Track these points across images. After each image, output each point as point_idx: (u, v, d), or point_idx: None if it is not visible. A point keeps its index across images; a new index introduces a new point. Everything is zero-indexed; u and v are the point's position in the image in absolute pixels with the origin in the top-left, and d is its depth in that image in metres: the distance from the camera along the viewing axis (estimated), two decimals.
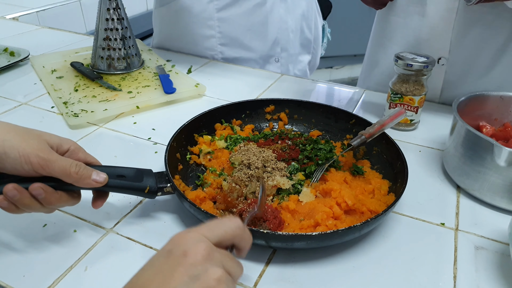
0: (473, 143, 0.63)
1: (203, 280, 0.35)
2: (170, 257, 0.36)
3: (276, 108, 0.82)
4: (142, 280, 0.36)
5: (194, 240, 0.37)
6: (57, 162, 0.47)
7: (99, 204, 0.55)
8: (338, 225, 0.56)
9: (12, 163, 0.46)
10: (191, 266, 0.35)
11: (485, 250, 0.57)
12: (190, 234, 0.38)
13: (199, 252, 0.36)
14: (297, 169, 0.66)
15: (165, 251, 0.37)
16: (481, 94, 0.73)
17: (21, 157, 0.45)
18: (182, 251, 0.36)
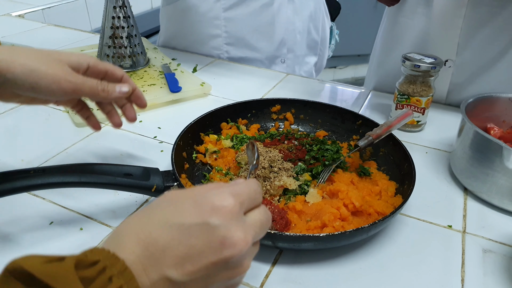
0: (481, 145, 0.62)
1: (232, 275, 0.34)
2: (206, 233, 0.32)
3: (282, 108, 0.82)
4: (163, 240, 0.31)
5: (236, 225, 0.33)
6: (85, 84, 0.50)
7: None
8: (345, 227, 0.55)
9: (46, 90, 0.48)
10: (223, 260, 0.32)
11: (493, 253, 0.56)
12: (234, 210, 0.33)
13: (239, 248, 0.32)
14: (303, 169, 0.66)
15: (201, 221, 0.32)
16: (489, 96, 0.73)
17: (53, 84, 0.48)
18: (221, 237, 0.32)
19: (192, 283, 0.32)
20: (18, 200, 0.60)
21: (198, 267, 0.31)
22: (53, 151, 0.74)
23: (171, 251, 0.31)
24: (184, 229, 0.32)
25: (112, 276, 0.28)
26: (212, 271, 0.32)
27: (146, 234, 0.32)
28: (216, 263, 0.32)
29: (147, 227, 0.32)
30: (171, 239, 0.31)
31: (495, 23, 0.82)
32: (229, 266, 0.33)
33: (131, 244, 0.31)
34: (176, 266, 0.31)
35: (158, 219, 0.32)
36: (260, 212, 0.36)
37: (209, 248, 0.31)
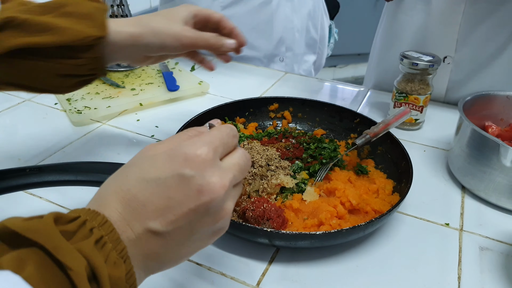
0: (479, 143, 0.62)
1: (215, 220, 0.34)
2: (182, 184, 0.32)
3: (280, 106, 0.81)
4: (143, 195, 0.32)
5: (211, 171, 0.33)
6: (201, 37, 0.58)
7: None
8: (342, 225, 0.55)
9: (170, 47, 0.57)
10: (202, 206, 0.32)
11: (490, 251, 0.56)
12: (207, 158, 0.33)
13: (217, 193, 0.33)
14: (301, 168, 0.66)
15: (176, 173, 0.32)
16: (487, 94, 0.73)
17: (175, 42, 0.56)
18: (197, 186, 0.32)
19: (176, 232, 0.33)
20: (14, 199, 0.60)
21: (179, 216, 0.32)
22: (50, 150, 0.74)
23: (151, 205, 0.32)
24: (161, 182, 0.32)
25: (93, 227, 0.29)
26: (194, 217, 0.33)
27: (126, 191, 0.32)
28: (196, 209, 0.32)
29: (126, 185, 0.33)
30: (150, 193, 0.32)
31: (494, 19, 0.81)
32: (210, 212, 0.33)
33: (112, 202, 0.32)
34: (157, 217, 0.32)
35: (135, 176, 0.33)
36: (237, 155, 0.37)
37: (187, 197, 0.32)
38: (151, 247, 0.32)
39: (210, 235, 0.36)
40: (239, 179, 0.37)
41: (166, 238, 0.33)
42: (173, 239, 0.33)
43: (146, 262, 0.33)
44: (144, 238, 0.32)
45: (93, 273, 0.28)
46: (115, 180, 0.34)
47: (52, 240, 0.27)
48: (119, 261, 0.29)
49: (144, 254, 0.32)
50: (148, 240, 0.32)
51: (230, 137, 0.37)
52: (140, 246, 0.32)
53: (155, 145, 0.36)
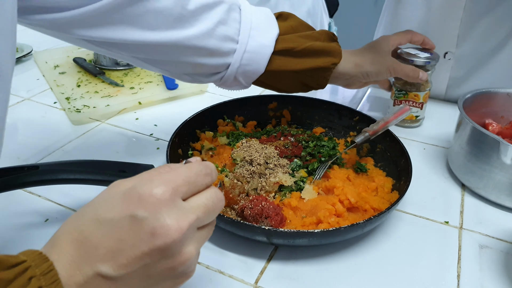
0: (479, 141, 0.62)
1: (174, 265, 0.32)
2: (134, 226, 0.31)
3: (279, 105, 0.81)
4: (95, 238, 0.31)
5: (166, 213, 0.31)
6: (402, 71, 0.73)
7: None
8: (340, 223, 0.55)
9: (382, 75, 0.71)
10: (156, 250, 0.31)
11: (490, 249, 0.56)
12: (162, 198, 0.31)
13: (171, 236, 0.31)
14: (299, 166, 0.66)
15: (129, 214, 0.31)
16: (487, 91, 0.72)
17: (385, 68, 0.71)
18: (150, 228, 0.30)
19: (130, 278, 0.31)
20: (13, 197, 0.60)
21: (131, 259, 0.30)
22: (49, 148, 0.74)
23: (102, 247, 0.31)
24: (113, 224, 0.31)
25: (33, 276, 0.28)
26: (148, 261, 0.31)
27: (79, 232, 0.31)
28: (149, 253, 0.31)
29: (80, 226, 0.32)
30: (102, 235, 0.31)
31: (495, 14, 0.81)
32: (166, 255, 0.31)
33: (64, 244, 0.31)
34: (108, 261, 0.30)
35: (90, 217, 0.32)
36: (205, 195, 0.35)
37: (140, 240, 0.30)
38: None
39: (171, 281, 0.34)
40: (205, 221, 0.34)
41: (117, 282, 0.31)
42: (126, 284, 0.31)
43: None
44: (94, 283, 0.30)
45: None
46: (71, 220, 0.33)
47: None
48: None
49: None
50: (98, 285, 0.30)
51: (200, 175, 0.34)
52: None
53: (120, 182, 0.34)
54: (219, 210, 0.36)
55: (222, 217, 0.51)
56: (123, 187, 0.33)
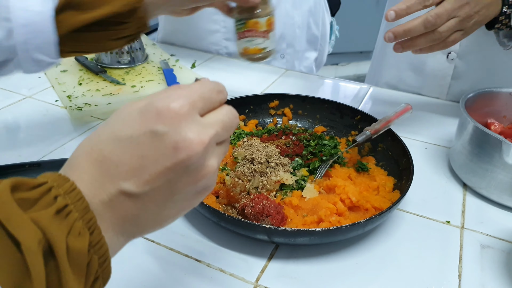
0: (481, 141, 0.62)
1: (197, 179, 0.32)
2: (155, 141, 0.30)
3: (280, 103, 0.81)
4: (115, 156, 0.30)
5: (187, 127, 0.30)
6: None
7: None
8: (341, 222, 0.55)
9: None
10: (179, 164, 0.30)
11: (491, 248, 0.56)
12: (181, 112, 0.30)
13: (194, 149, 0.30)
14: (300, 164, 0.66)
15: (148, 130, 0.30)
16: (489, 91, 0.72)
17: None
18: (172, 142, 0.30)
19: (154, 193, 0.31)
20: None
21: (154, 175, 0.30)
22: (50, 146, 0.74)
23: (124, 165, 0.30)
24: (133, 141, 0.30)
25: (58, 195, 0.27)
26: (172, 177, 0.30)
27: (98, 152, 0.30)
28: (173, 168, 0.30)
29: (98, 145, 0.31)
30: (122, 153, 0.30)
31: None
32: (190, 170, 0.31)
33: (84, 164, 0.30)
34: (131, 178, 0.30)
35: (107, 136, 0.31)
36: (221, 112, 0.34)
37: (162, 155, 0.30)
38: (127, 210, 0.30)
39: (193, 195, 0.33)
40: (223, 137, 0.34)
41: (143, 199, 0.30)
42: (151, 200, 0.31)
43: (124, 226, 0.31)
44: (118, 201, 0.30)
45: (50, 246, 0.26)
46: (88, 140, 0.32)
47: (4, 210, 0.25)
48: (84, 231, 0.27)
49: (120, 217, 0.30)
50: (123, 203, 0.30)
51: (213, 92, 0.34)
52: (114, 209, 0.30)
53: (132, 103, 0.33)
54: (235, 127, 0.35)
55: (223, 215, 0.51)
56: (139, 105, 0.32)
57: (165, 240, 0.55)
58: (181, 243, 0.55)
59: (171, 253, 0.54)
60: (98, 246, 0.28)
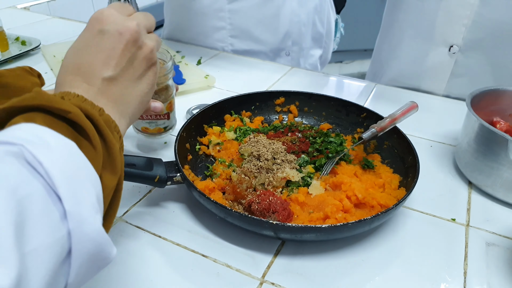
0: (487, 139, 0.62)
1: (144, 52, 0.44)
2: (105, 36, 0.41)
3: (286, 100, 0.81)
4: (86, 59, 0.41)
5: (120, 19, 0.42)
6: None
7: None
8: (347, 218, 0.55)
9: None
10: (129, 43, 0.42)
11: (497, 246, 0.56)
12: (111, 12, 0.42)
13: (132, 28, 0.42)
14: (307, 161, 0.66)
15: (97, 31, 0.41)
16: (495, 89, 0.72)
17: None
18: (116, 31, 0.41)
19: (124, 72, 0.42)
20: None
21: (118, 57, 0.41)
22: None
23: (95, 61, 0.41)
24: (92, 43, 0.41)
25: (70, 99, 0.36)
26: (129, 55, 0.42)
27: (72, 65, 0.41)
28: (126, 47, 0.42)
29: (70, 61, 0.41)
30: (89, 55, 0.41)
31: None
32: (138, 46, 0.43)
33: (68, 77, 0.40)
34: (104, 67, 0.41)
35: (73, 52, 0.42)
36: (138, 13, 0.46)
37: (115, 42, 0.41)
38: (114, 92, 0.41)
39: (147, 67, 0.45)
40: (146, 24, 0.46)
41: (119, 79, 0.42)
42: (125, 78, 0.42)
43: (117, 107, 0.41)
44: (105, 87, 0.41)
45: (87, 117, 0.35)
46: (62, 66, 0.42)
47: (47, 100, 0.33)
48: (102, 112, 0.38)
49: (112, 100, 0.41)
50: (108, 87, 0.41)
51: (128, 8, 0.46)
52: (105, 95, 0.40)
53: None
54: (152, 18, 0.47)
55: (229, 211, 0.52)
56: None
57: (172, 235, 0.56)
58: (187, 238, 0.56)
59: (178, 248, 0.54)
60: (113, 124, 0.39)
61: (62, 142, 0.31)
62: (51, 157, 0.29)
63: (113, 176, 0.35)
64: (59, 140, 0.31)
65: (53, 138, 0.30)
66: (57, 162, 0.29)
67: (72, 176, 0.30)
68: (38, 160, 0.28)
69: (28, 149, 0.28)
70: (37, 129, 0.31)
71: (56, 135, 0.31)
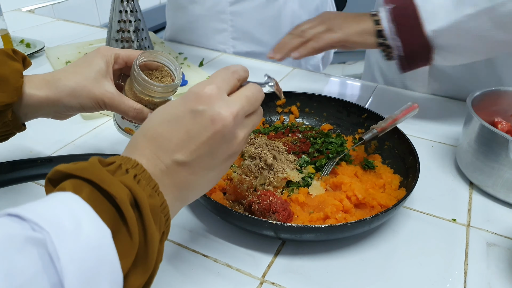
0: (488, 139, 0.62)
1: (231, 146, 0.40)
2: (196, 119, 0.38)
3: (287, 101, 0.82)
4: (167, 132, 0.38)
5: (219, 104, 0.38)
6: (122, 104, 0.55)
7: None
8: (347, 219, 0.55)
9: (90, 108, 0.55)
10: (217, 134, 0.38)
11: (498, 246, 0.56)
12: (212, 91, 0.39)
13: (227, 120, 0.38)
14: (307, 162, 0.66)
15: (190, 110, 0.38)
16: (497, 90, 0.72)
17: (93, 102, 0.54)
18: (209, 117, 0.38)
19: (200, 159, 0.38)
20: (25, 190, 0.61)
21: (199, 144, 0.38)
22: (60, 142, 0.75)
23: (175, 139, 0.38)
24: (179, 119, 0.38)
25: (128, 168, 0.34)
26: (212, 144, 0.38)
27: (152, 131, 0.38)
28: (212, 137, 0.38)
29: (151, 127, 0.39)
30: (172, 130, 0.38)
31: None
32: (225, 138, 0.39)
33: (142, 143, 0.38)
34: (181, 149, 0.37)
35: (157, 119, 0.39)
36: (243, 89, 0.42)
37: (203, 128, 0.38)
38: (181, 176, 0.38)
39: (226, 159, 0.41)
40: (248, 109, 0.41)
41: (192, 166, 0.38)
42: (199, 165, 0.39)
43: (180, 192, 0.38)
44: (173, 169, 0.37)
45: (135, 201, 0.32)
46: (142, 127, 0.40)
47: (99, 175, 0.32)
48: (153, 193, 0.34)
49: (176, 184, 0.38)
50: (177, 170, 0.38)
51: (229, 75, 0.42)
52: (171, 177, 0.37)
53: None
54: (261, 99, 0.44)
55: (230, 211, 0.52)
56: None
57: (173, 235, 0.56)
58: (188, 238, 0.56)
59: (179, 248, 0.54)
60: (162, 206, 0.35)
61: (96, 228, 0.29)
62: (75, 248, 0.27)
63: (143, 275, 0.32)
64: (94, 225, 0.29)
65: (88, 223, 0.29)
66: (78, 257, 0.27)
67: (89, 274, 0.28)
68: (58, 255, 0.26)
69: (52, 240, 0.27)
70: (78, 206, 0.29)
71: (93, 218, 0.29)
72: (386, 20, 0.72)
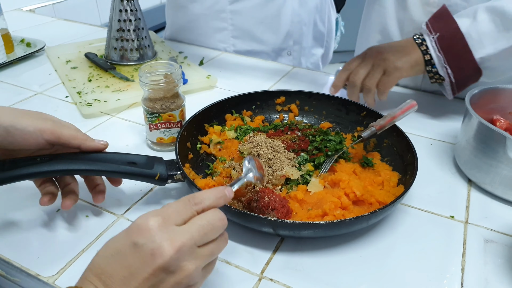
0: (486, 136, 0.62)
1: (179, 278, 0.38)
2: (136, 252, 0.37)
3: (287, 100, 0.82)
4: (110, 268, 0.38)
5: (161, 236, 0.37)
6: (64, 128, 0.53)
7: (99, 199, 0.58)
8: (346, 215, 0.56)
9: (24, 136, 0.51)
10: (158, 269, 0.37)
11: (495, 243, 0.56)
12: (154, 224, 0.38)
13: (168, 253, 0.37)
14: (306, 159, 0.67)
15: (131, 243, 0.38)
16: (495, 87, 0.72)
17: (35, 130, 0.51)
18: (149, 250, 0.37)
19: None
20: (25, 187, 0.61)
21: (141, 281, 0.37)
22: None
23: (117, 275, 0.37)
24: (121, 253, 0.38)
25: None
26: (156, 280, 0.37)
27: (97, 267, 0.38)
28: (154, 273, 0.37)
29: (97, 261, 0.39)
30: (114, 264, 0.38)
31: None
32: (170, 272, 0.37)
33: (90, 278, 0.38)
34: (123, 285, 0.37)
35: (103, 253, 0.39)
36: (197, 218, 0.41)
37: (144, 263, 0.37)
38: None
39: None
40: (201, 239, 0.40)
41: None
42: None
43: None
44: None
45: None
46: (90, 262, 0.39)
47: None
48: None
49: None
50: None
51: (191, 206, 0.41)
52: None
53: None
54: (221, 227, 0.41)
55: (229, 208, 0.53)
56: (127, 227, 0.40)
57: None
58: None
59: None
60: None
61: None
62: None
63: None
64: None
65: None
66: None
67: None
68: None
69: None
70: None
71: None
72: (433, 50, 0.75)
